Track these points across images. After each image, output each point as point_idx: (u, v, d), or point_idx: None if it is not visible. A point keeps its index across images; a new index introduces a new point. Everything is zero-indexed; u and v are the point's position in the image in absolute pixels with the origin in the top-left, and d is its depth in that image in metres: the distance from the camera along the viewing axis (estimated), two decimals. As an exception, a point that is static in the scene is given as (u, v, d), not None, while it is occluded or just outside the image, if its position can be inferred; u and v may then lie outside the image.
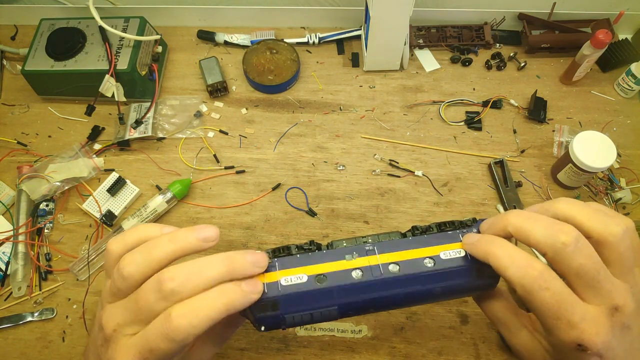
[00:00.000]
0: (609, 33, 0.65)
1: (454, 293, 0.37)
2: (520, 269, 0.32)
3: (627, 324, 0.32)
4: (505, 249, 0.33)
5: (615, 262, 0.32)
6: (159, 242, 0.33)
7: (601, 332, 0.31)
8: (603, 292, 0.31)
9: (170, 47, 0.79)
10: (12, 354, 0.56)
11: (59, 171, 0.64)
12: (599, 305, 0.31)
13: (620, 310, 0.31)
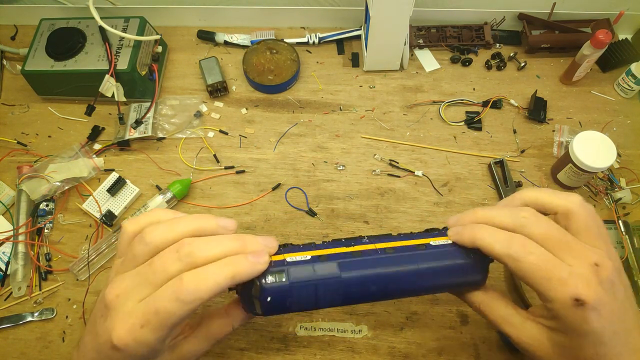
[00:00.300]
0: (609, 33, 0.65)
1: (446, 276, 0.39)
2: (504, 243, 0.36)
3: (611, 279, 0.35)
4: (488, 230, 0.37)
5: (582, 230, 0.36)
6: (182, 218, 0.36)
7: (591, 285, 0.34)
8: (578, 254, 0.35)
9: (170, 47, 0.79)
10: (12, 354, 0.56)
11: (59, 171, 0.64)
12: (581, 264, 0.35)
13: (601, 266, 0.35)
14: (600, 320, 0.34)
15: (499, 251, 0.36)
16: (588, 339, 0.35)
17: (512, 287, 0.58)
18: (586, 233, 0.36)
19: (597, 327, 0.34)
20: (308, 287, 0.37)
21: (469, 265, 0.39)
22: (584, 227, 0.37)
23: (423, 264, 0.39)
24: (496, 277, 0.60)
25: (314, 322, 0.57)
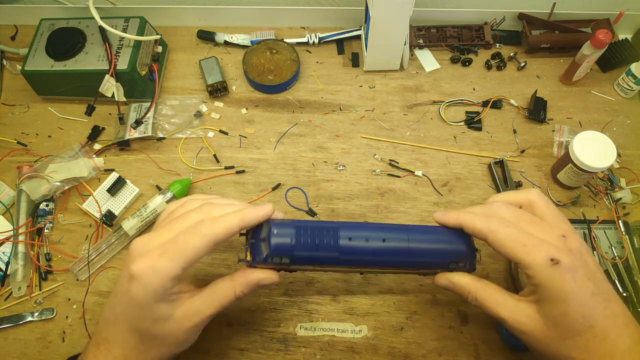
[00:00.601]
0: (609, 33, 0.65)
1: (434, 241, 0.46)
2: (484, 220, 0.43)
3: (579, 249, 0.41)
4: (469, 213, 0.45)
5: (545, 214, 0.44)
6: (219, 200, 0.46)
7: (562, 250, 0.40)
8: (546, 229, 0.42)
9: (170, 47, 0.79)
10: (12, 354, 0.56)
11: (59, 171, 0.64)
12: (550, 236, 0.41)
13: (568, 237, 0.41)
14: (577, 280, 0.39)
15: (480, 226, 0.43)
16: (570, 302, 0.39)
17: (512, 287, 0.58)
18: (549, 216, 0.43)
19: (575, 287, 0.39)
20: (308, 229, 0.43)
21: (454, 234, 0.46)
22: (546, 211, 0.44)
23: (414, 230, 0.46)
24: (496, 276, 0.60)
25: (314, 322, 0.57)
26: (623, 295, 0.56)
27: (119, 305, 0.42)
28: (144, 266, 0.39)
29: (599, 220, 0.61)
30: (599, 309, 0.40)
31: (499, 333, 0.56)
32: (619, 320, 0.41)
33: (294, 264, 0.44)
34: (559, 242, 0.41)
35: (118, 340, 0.43)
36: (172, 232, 0.42)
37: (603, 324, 0.40)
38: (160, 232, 0.42)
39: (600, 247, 0.60)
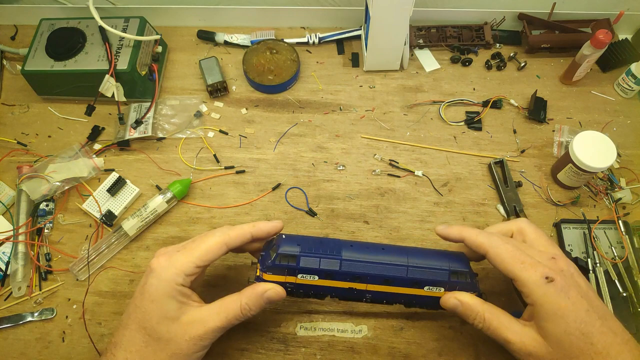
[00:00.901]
0: (609, 33, 0.65)
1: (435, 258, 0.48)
2: (486, 236, 0.46)
3: (570, 271, 0.43)
4: (472, 229, 0.48)
5: (535, 240, 0.47)
6: None
7: (554, 270, 0.42)
8: (536, 252, 0.45)
9: (170, 47, 0.79)
10: (12, 354, 0.56)
11: (59, 171, 0.64)
12: (542, 258, 0.44)
13: (557, 258, 0.44)
14: (570, 298, 0.41)
15: (482, 240, 0.46)
16: (567, 319, 0.41)
17: (512, 287, 0.58)
18: (538, 241, 0.46)
19: (569, 304, 0.41)
20: (314, 240, 0.47)
21: (452, 255, 0.49)
22: (536, 237, 0.47)
23: (413, 250, 0.49)
24: (496, 276, 0.60)
25: (314, 322, 0.57)
26: (623, 295, 0.56)
27: (132, 305, 0.44)
28: (161, 260, 0.44)
29: (599, 220, 0.61)
30: (596, 326, 0.41)
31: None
32: (618, 337, 0.42)
33: (299, 269, 0.46)
34: (551, 263, 0.43)
35: (125, 342, 0.44)
36: (191, 240, 0.47)
37: (603, 341, 0.41)
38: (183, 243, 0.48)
39: (600, 247, 0.60)
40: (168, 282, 0.43)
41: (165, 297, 0.43)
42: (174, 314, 0.43)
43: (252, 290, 0.46)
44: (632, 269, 0.58)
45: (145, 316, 0.43)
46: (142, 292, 0.44)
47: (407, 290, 0.48)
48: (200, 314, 0.44)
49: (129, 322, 0.44)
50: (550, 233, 0.62)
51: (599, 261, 0.58)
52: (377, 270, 0.47)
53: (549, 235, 0.52)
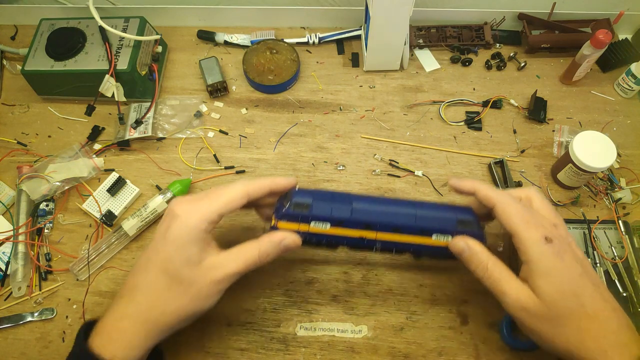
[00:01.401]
0: (609, 33, 0.65)
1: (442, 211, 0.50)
2: (497, 192, 0.48)
3: (567, 240, 0.46)
4: (484, 183, 0.50)
5: (540, 208, 0.48)
6: None
7: (554, 234, 0.45)
8: (540, 218, 0.46)
9: (170, 47, 0.79)
10: (12, 354, 0.56)
11: (59, 171, 0.64)
12: (545, 223, 0.46)
13: (557, 226, 0.46)
14: (565, 260, 0.44)
15: (492, 194, 0.47)
16: (562, 278, 0.43)
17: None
18: (544, 210, 0.48)
19: (564, 266, 0.44)
20: (326, 193, 0.50)
21: (460, 208, 0.51)
22: (542, 206, 0.48)
23: (423, 204, 0.51)
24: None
25: (314, 322, 0.57)
26: (623, 295, 0.56)
27: (153, 249, 0.46)
28: (185, 206, 0.45)
29: (599, 220, 0.61)
30: (588, 290, 0.43)
31: (499, 333, 0.56)
32: (608, 304, 0.44)
33: (312, 217, 0.48)
34: (551, 228, 0.46)
35: (145, 286, 0.45)
36: (212, 189, 0.48)
37: (593, 305, 0.43)
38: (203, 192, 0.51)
39: (600, 247, 0.60)
40: (192, 228, 0.44)
41: (189, 242, 0.44)
42: (196, 259, 0.45)
43: (270, 238, 0.47)
44: (632, 269, 0.58)
45: (169, 260, 0.44)
46: (165, 237, 0.45)
47: (415, 239, 0.49)
48: (219, 259, 0.46)
49: (149, 266, 0.45)
50: (550, 233, 0.62)
51: (599, 261, 0.58)
52: (386, 218, 0.48)
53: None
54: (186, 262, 0.44)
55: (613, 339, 0.42)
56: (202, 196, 0.47)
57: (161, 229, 0.46)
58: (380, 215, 0.49)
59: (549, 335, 0.44)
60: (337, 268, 0.60)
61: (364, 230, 0.49)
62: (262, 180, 0.49)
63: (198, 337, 0.56)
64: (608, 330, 0.43)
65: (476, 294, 0.58)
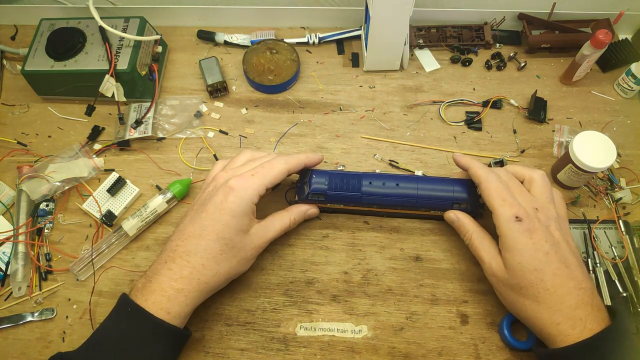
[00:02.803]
0: (609, 33, 0.65)
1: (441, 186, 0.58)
2: (485, 170, 0.54)
3: (547, 223, 0.50)
4: (478, 162, 0.56)
5: (538, 192, 0.52)
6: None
7: (530, 214, 0.49)
8: (527, 199, 0.51)
9: (170, 47, 0.79)
10: (12, 354, 0.56)
11: (59, 171, 0.64)
12: (526, 205, 0.50)
13: (540, 210, 0.50)
14: (532, 238, 0.48)
15: (480, 172, 0.53)
16: (524, 254, 0.48)
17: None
18: (540, 194, 0.52)
19: (529, 243, 0.48)
20: (339, 176, 0.58)
21: (459, 183, 0.58)
22: (540, 190, 0.52)
23: (423, 178, 0.60)
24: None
25: (314, 322, 0.57)
26: (623, 295, 0.56)
27: (208, 218, 0.50)
28: (241, 182, 0.51)
29: (599, 220, 0.61)
30: (551, 267, 0.48)
31: (499, 333, 0.56)
32: (572, 282, 0.48)
33: (328, 201, 0.58)
34: (531, 210, 0.50)
35: (200, 250, 0.50)
36: (251, 164, 0.55)
37: (553, 281, 0.48)
38: (240, 166, 0.55)
39: (600, 247, 0.60)
40: (247, 201, 0.51)
41: (243, 213, 0.51)
42: (247, 228, 0.52)
43: (298, 208, 0.59)
44: (632, 269, 0.58)
45: (225, 229, 0.50)
46: (222, 207, 0.50)
47: (416, 212, 0.60)
48: (261, 227, 0.54)
49: (204, 233, 0.50)
50: (550, 233, 0.62)
51: (599, 261, 0.58)
52: (391, 201, 0.57)
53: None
54: (239, 230, 0.51)
55: (569, 313, 0.47)
56: (253, 171, 0.53)
57: (216, 200, 0.51)
58: (386, 199, 0.57)
59: (512, 301, 0.51)
60: (337, 268, 0.60)
61: (372, 209, 0.60)
62: (298, 157, 0.56)
63: (198, 337, 0.56)
64: (565, 304, 0.47)
65: (476, 294, 0.59)
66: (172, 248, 0.51)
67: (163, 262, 0.50)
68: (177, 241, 0.51)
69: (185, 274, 0.49)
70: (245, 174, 0.52)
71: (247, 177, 0.52)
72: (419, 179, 0.59)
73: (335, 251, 0.61)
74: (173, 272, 0.49)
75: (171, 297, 0.48)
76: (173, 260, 0.50)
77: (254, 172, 0.53)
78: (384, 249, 0.62)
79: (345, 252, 0.61)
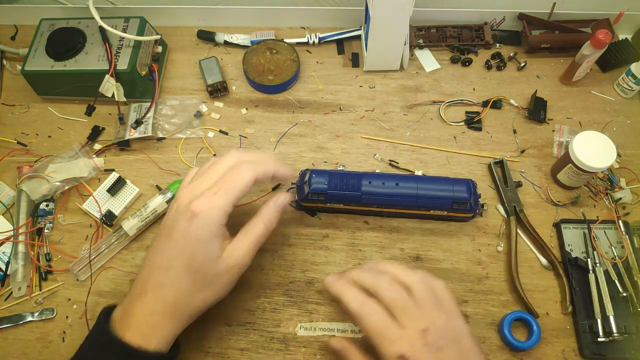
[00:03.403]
0: (609, 33, 0.65)
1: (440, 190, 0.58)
2: (358, 302, 0.47)
3: (438, 344, 0.44)
4: (351, 291, 0.48)
5: (421, 301, 0.46)
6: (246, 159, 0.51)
7: (415, 347, 0.43)
8: (412, 319, 0.45)
9: (170, 47, 0.79)
10: (12, 354, 0.56)
11: (59, 171, 0.64)
12: (412, 329, 0.44)
13: (428, 331, 0.44)
14: None
15: (353, 308, 0.46)
16: None
17: (512, 287, 0.58)
18: (423, 303, 0.46)
19: None
20: (339, 176, 0.58)
21: (457, 182, 0.58)
22: (421, 299, 0.46)
23: (423, 178, 0.61)
24: (496, 276, 0.60)
25: (314, 322, 0.57)
26: (623, 295, 0.56)
27: (174, 248, 0.46)
28: (203, 204, 0.46)
29: (599, 220, 0.61)
30: None
31: (499, 333, 0.56)
32: None
33: (328, 201, 0.58)
34: (417, 336, 0.44)
35: (170, 283, 0.46)
36: (215, 176, 0.48)
37: None
38: (203, 179, 0.49)
39: (600, 247, 0.60)
40: (213, 225, 0.46)
41: (210, 238, 0.46)
42: (218, 253, 0.47)
43: (266, 207, 0.51)
44: (632, 269, 0.58)
45: (192, 257, 0.46)
46: (187, 235, 0.46)
47: (416, 212, 0.60)
48: (235, 246, 0.48)
49: (172, 265, 0.46)
50: (550, 233, 0.62)
51: (599, 261, 0.58)
52: (391, 201, 0.58)
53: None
54: (208, 258, 0.46)
55: None
56: (215, 189, 0.47)
57: (180, 227, 0.46)
58: (385, 201, 0.58)
59: None
60: (337, 268, 0.60)
61: (372, 208, 0.60)
62: (267, 167, 0.49)
63: (198, 337, 0.56)
64: None
65: (476, 294, 0.59)
66: (144, 279, 0.48)
67: (137, 294, 0.47)
68: (147, 271, 0.48)
69: (158, 310, 0.46)
70: (207, 194, 0.46)
71: (209, 198, 0.46)
72: (418, 178, 0.59)
73: (335, 251, 0.61)
74: (146, 306, 0.46)
75: (147, 334, 0.45)
76: (145, 293, 0.46)
77: (216, 189, 0.47)
78: (384, 249, 0.62)
79: (345, 252, 0.61)
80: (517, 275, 0.58)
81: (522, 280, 0.58)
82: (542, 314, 0.57)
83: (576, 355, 0.55)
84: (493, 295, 0.58)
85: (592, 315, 0.56)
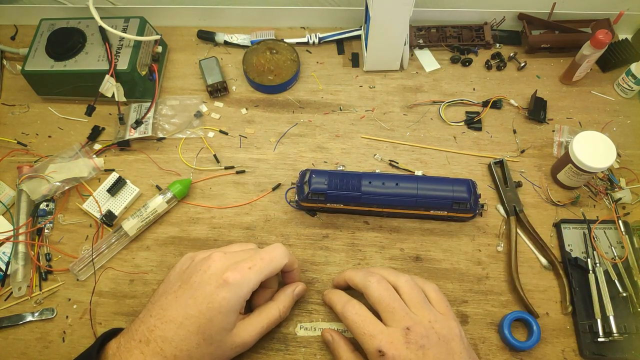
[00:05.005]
0: (609, 33, 0.65)
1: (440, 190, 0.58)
2: (342, 303, 0.50)
3: (420, 343, 0.45)
4: (337, 294, 0.53)
5: (407, 300, 0.48)
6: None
7: (395, 343, 0.45)
8: (397, 317, 0.46)
9: (170, 47, 0.79)
10: (12, 354, 0.56)
11: (59, 171, 0.64)
12: (395, 327, 0.46)
13: (412, 330, 0.45)
14: None
15: (338, 309, 0.50)
16: None
17: (512, 287, 0.58)
18: (410, 303, 0.48)
19: None
20: (339, 176, 0.58)
21: (457, 182, 0.58)
22: (408, 298, 0.48)
23: (423, 178, 0.61)
24: (495, 276, 0.60)
25: (314, 322, 0.57)
26: (623, 295, 0.56)
27: (194, 308, 0.45)
28: (238, 276, 0.46)
29: (599, 220, 0.61)
30: None
31: (499, 333, 0.56)
32: None
33: (328, 201, 0.58)
34: (399, 334, 0.45)
35: (177, 340, 0.45)
36: (247, 255, 0.49)
37: None
38: (239, 252, 0.50)
39: (600, 247, 0.60)
40: (240, 298, 0.46)
41: (233, 311, 0.46)
42: (231, 326, 0.47)
43: (284, 294, 0.53)
44: (632, 269, 0.58)
45: (209, 324, 0.45)
46: (212, 301, 0.45)
47: (416, 212, 0.60)
48: (246, 326, 0.49)
49: (186, 323, 0.45)
50: (550, 233, 0.62)
51: (598, 261, 0.58)
52: (391, 201, 0.58)
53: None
54: (222, 329, 0.46)
55: None
56: (250, 263, 0.48)
57: (206, 291, 0.46)
58: (385, 200, 0.58)
59: None
60: (337, 268, 0.60)
61: (371, 208, 0.60)
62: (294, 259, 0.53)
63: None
64: None
65: (476, 294, 0.59)
66: (150, 327, 0.46)
67: (137, 340, 0.46)
68: (157, 319, 0.46)
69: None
70: (242, 267, 0.47)
71: (244, 271, 0.47)
72: (418, 178, 0.59)
73: (335, 251, 0.61)
74: (145, 356, 0.45)
75: None
76: (147, 343, 0.45)
77: (251, 264, 0.48)
78: (384, 249, 0.62)
79: (345, 252, 0.61)
80: (517, 275, 0.58)
81: (522, 281, 0.58)
82: (542, 314, 0.57)
83: (576, 355, 0.55)
84: (493, 296, 0.58)
85: (592, 316, 0.56)
